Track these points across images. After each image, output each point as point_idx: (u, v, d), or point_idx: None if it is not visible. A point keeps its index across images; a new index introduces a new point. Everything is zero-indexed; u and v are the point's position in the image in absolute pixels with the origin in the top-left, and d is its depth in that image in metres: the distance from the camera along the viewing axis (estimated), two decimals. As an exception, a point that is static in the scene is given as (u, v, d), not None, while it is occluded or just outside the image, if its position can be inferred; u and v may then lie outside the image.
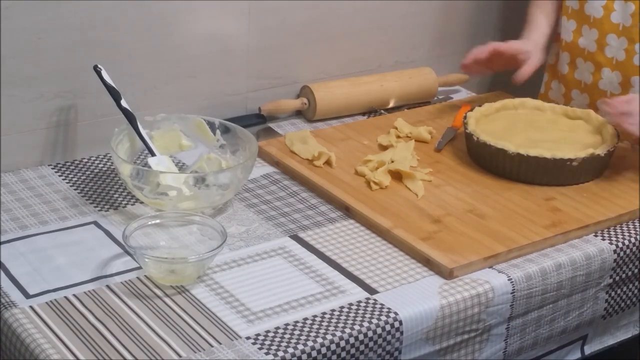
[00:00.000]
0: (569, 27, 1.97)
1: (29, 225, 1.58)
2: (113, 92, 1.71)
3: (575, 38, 1.96)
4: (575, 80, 1.99)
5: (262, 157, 1.82)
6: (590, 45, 1.94)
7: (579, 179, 1.75)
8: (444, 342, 1.46)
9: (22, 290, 1.42)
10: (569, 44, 1.98)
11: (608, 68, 1.92)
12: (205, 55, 1.91)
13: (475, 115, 1.85)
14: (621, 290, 1.66)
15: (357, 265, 1.52)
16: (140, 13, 1.80)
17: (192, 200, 1.60)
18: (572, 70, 1.99)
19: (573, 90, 2.00)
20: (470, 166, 1.81)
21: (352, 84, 2.05)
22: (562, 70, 2.01)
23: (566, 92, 2.01)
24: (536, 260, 1.56)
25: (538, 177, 1.73)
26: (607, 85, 1.93)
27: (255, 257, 1.53)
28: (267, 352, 1.31)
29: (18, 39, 1.68)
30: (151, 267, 1.44)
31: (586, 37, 1.94)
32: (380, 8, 2.11)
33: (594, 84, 1.95)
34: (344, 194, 1.69)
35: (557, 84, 2.04)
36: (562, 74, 2.02)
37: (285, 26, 2.00)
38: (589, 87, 1.96)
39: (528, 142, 1.77)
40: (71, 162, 1.79)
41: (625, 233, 1.65)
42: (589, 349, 1.69)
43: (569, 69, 1.99)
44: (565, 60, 2.00)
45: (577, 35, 1.96)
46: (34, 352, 1.30)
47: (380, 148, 1.86)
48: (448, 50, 2.27)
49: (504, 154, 1.73)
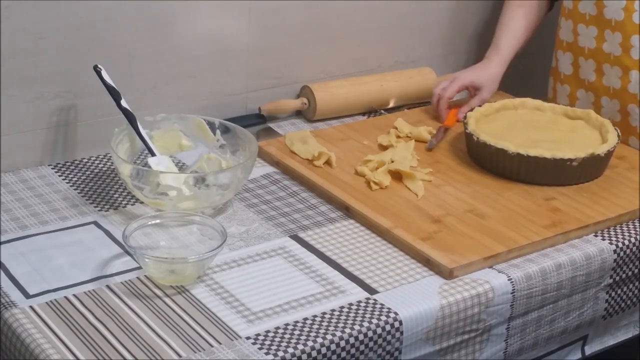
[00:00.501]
0: (590, 33, 1.95)
1: (29, 225, 1.58)
2: (113, 92, 1.71)
3: (599, 44, 1.94)
4: (604, 87, 1.96)
5: (262, 157, 1.82)
6: (615, 49, 1.93)
7: (579, 179, 1.75)
8: (444, 342, 1.46)
9: (22, 290, 1.42)
10: (592, 50, 1.95)
11: (635, 70, 1.90)
12: (205, 55, 1.91)
13: (475, 115, 1.85)
14: (621, 291, 1.66)
15: (357, 265, 1.52)
16: (140, 13, 1.80)
17: (192, 200, 1.60)
18: (599, 76, 1.96)
19: (602, 97, 1.97)
20: (470, 166, 1.81)
21: (352, 84, 2.05)
22: (588, 78, 1.98)
23: (595, 100, 1.98)
24: (536, 260, 1.55)
25: (538, 177, 1.73)
26: (636, 87, 1.91)
27: (255, 257, 1.53)
28: (267, 352, 1.31)
29: (18, 39, 1.68)
30: (151, 267, 1.44)
31: (610, 42, 1.92)
32: (380, 8, 2.11)
33: (623, 88, 1.93)
34: (344, 194, 1.69)
35: (584, 93, 2.00)
36: (589, 82, 1.98)
37: (285, 26, 2.00)
38: (618, 91, 1.94)
39: (528, 142, 1.77)
40: (71, 162, 1.79)
41: (625, 233, 1.65)
42: (590, 349, 1.69)
43: (596, 75, 1.97)
44: (590, 67, 1.97)
45: (601, 41, 1.94)
46: (34, 352, 1.30)
47: (380, 148, 1.86)
48: (448, 50, 2.27)
49: (504, 154, 1.73)
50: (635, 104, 1.91)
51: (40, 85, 1.73)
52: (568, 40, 2.00)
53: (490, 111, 1.90)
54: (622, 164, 1.84)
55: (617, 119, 1.95)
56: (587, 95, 2.00)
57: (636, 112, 1.92)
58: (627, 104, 1.93)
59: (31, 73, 1.72)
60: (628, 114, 1.93)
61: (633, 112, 1.92)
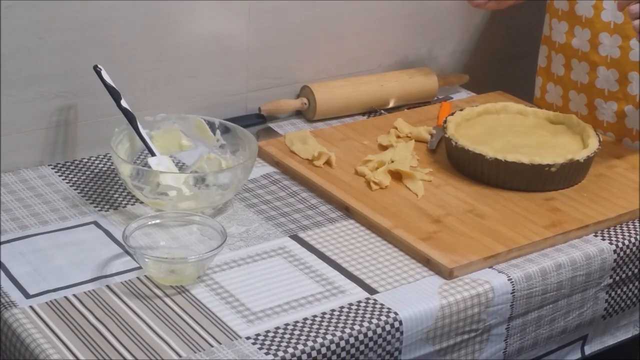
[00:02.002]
0: (560, 29, 1.98)
1: (29, 225, 1.58)
2: (113, 92, 1.71)
3: (568, 39, 1.96)
4: (572, 81, 1.99)
5: (262, 157, 1.82)
6: (583, 45, 1.94)
7: (558, 185, 1.73)
8: (444, 342, 1.46)
9: (22, 290, 1.42)
10: (562, 46, 1.98)
11: (603, 66, 1.92)
12: (205, 55, 1.91)
13: (455, 120, 1.83)
14: (621, 291, 1.66)
15: (357, 265, 1.52)
16: (140, 13, 1.80)
17: (192, 200, 1.60)
18: (567, 71, 1.99)
19: (570, 91, 2.00)
20: (470, 166, 1.81)
21: (352, 84, 2.05)
22: (557, 72, 2.01)
23: (564, 93, 2.01)
24: (536, 260, 1.55)
25: (517, 183, 1.71)
26: (603, 83, 1.93)
27: (255, 257, 1.53)
28: (267, 352, 1.31)
29: (18, 39, 1.68)
30: (151, 267, 1.44)
31: (579, 38, 1.94)
32: (380, 8, 2.11)
33: (590, 83, 1.95)
34: (344, 194, 1.69)
35: (553, 86, 2.04)
36: (558, 76, 2.02)
37: (285, 26, 2.00)
38: (586, 86, 1.96)
39: (508, 147, 1.75)
40: (71, 162, 1.79)
41: (625, 233, 1.65)
42: (589, 349, 1.69)
43: (565, 70, 1.99)
44: (560, 62, 2.00)
45: (570, 36, 1.96)
46: (34, 352, 1.30)
47: (380, 148, 1.86)
48: (448, 50, 2.27)
49: (482, 159, 1.72)
50: (602, 98, 1.93)
51: (40, 85, 1.73)
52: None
53: (472, 115, 1.88)
54: (622, 164, 1.84)
55: (584, 112, 1.98)
56: (556, 88, 2.02)
57: (603, 106, 1.94)
58: (593, 98, 1.94)
59: (31, 73, 1.72)
60: (594, 109, 1.95)
61: (600, 106, 1.94)
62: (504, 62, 2.16)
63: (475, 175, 1.74)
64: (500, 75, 2.32)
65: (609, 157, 1.85)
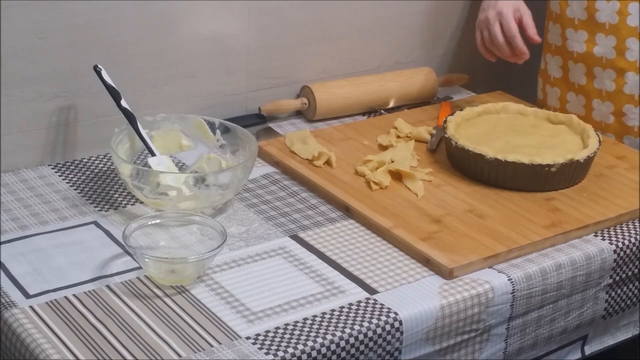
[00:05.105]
0: (579, 38, 1.95)
1: (29, 225, 1.58)
2: (113, 92, 1.71)
3: (589, 48, 1.94)
4: (596, 90, 1.96)
5: (262, 157, 1.83)
6: (608, 52, 1.92)
7: (558, 185, 1.73)
8: (444, 342, 1.46)
9: (22, 290, 1.42)
10: (581, 55, 1.96)
11: (632, 72, 1.91)
12: (205, 55, 1.91)
13: (455, 120, 1.83)
14: (621, 291, 1.66)
15: (357, 265, 1.52)
16: (140, 13, 1.80)
17: (192, 200, 1.60)
18: (590, 80, 1.97)
19: (594, 100, 1.97)
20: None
21: (352, 84, 2.05)
22: (578, 81, 1.98)
23: (586, 102, 1.98)
24: (536, 260, 1.55)
25: (517, 183, 1.71)
26: (633, 89, 1.91)
27: (255, 257, 1.53)
28: (267, 352, 1.31)
29: (18, 39, 1.68)
30: (151, 267, 1.44)
31: (602, 45, 1.92)
32: (380, 8, 2.11)
33: (617, 90, 1.93)
34: (344, 194, 1.69)
35: (574, 95, 2.00)
36: (579, 85, 1.98)
37: (285, 26, 2.00)
38: (612, 94, 1.94)
39: (508, 147, 1.75)
40: (71, 162, 1.79)
41: (625, 233, 1.65)
42: (589, 349, 1.69)
43: (587, 79, 1.97)
44: (581, 71, 1.97)
45: (591, 44, 1.93)
46: (34, 352, 1.30)
47: (380, 148, 1.86)
48: (448, 50, 2.27)
49: (482, 159, 1.72)
50: (634, 104, 1.92)
51: (40, 85, 1.73)
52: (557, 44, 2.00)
53: (472, 115, 1.88)
54: (622, 164, 1.84)
55: (609, 121, 1.96)
56: (577, 98, 2.00)
57: (634, 112, 1.92)
58: (621, 106, 1.92)
59: (31, 73, 1.72)
60: (622, 116, 1.94)
61: (629, 112, 1.93)
62: (504, 62, 2.16)
63: (475, 175, 1.74)
64: (500, 75, 2.32)
65: (609, 157, 1.85)
